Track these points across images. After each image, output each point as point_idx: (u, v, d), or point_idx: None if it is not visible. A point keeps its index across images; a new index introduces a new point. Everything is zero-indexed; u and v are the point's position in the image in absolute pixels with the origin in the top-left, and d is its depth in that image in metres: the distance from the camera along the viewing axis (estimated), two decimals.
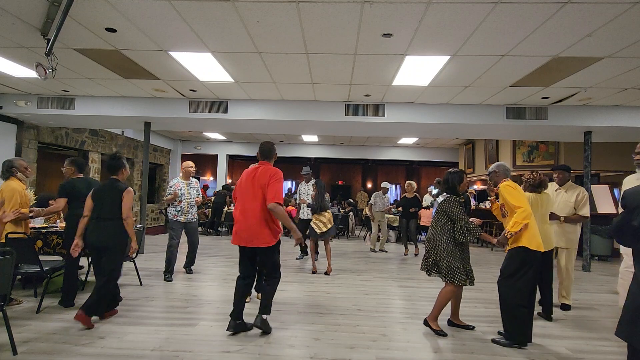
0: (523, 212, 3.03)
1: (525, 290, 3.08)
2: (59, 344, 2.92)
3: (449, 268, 3.25)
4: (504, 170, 3.37)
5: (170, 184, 5.30)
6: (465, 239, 3.25)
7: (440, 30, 3.77)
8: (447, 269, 3.26)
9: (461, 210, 3.28)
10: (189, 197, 5.23)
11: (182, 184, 5.25)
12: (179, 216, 5.16)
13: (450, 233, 3.29)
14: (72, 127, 8.40)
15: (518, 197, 3.11)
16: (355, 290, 4.83)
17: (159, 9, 3.49)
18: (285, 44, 4.23)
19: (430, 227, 3.49)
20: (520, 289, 3.07)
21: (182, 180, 5.28)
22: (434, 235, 3.38)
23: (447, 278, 3.25)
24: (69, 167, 4.09)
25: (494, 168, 3.42)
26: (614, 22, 3.46)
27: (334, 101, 6.68)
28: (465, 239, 3.25)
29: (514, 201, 3.10)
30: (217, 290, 4.66)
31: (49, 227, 4.52)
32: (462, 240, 3.25)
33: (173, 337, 3.12)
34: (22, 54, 4.67)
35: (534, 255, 3.07)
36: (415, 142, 11.79)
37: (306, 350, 2.96)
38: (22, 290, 4.37)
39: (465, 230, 3.23)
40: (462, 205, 3.33)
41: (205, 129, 9.93)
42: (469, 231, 3.22)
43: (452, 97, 6.13)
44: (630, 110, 6.34)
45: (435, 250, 3.35)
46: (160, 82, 5.84)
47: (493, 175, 3.41)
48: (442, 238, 3.31)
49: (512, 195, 3.13)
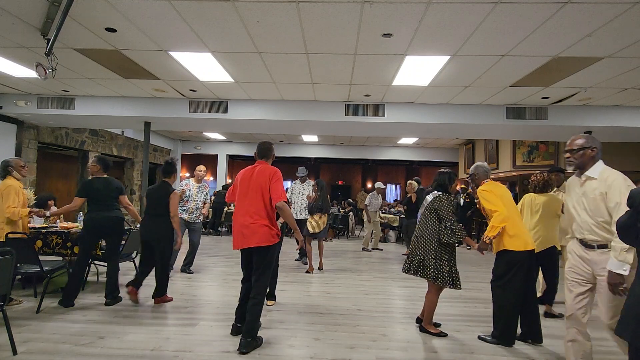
0: (499, 215, 3.02)
1: (515, 291, 3.08)
2: (59, 344, 2.92)
3: (436, 268, 3.23)
4: (483, 172, 3.35)
5: (181, 183, 5.54)
6: (449, 239, 3.21)
7: (440, 30, 3.77)
8: (434, 269, 3.23)
9: (451, 210, 3.26)
10: (196, 199, 5.44)
11: (192, 186, 5.47)
12: (183, 214, 5.30)
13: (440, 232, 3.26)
14: (72, 127, 8.40)
15: (493, 201, 3.10)
16: (355, 290, 4.83)
17: (159, 9, 3.49)
18: (285, 44, 4.23)
19: (418, 225, 3.45)
20: (510, 290, 3.08)
21: (194, 183, 5.50)
22: (423, 233, 3.35)
23: (433, 279, 3.23)
24: (95, 165, 4.04)
25: (473, 170, 3.41)
26: (614, 22, 3.46)
27: (334, 101, 6.68)
28: (449, 240, 3.21)
29: (489, 206, 3.10)
30: (217, 290, 4.66)
31: (49, 227, 4.52)
32: (446, 240, 3.21)
33: (173, 337, 3.12)
34: (22, 54, 4.67)
35: (520, 256, 3.05)
36: (415, 142, 11.79)
37: (306, 350, 2.96)
38: (22, 290, 4.37)
39: (449, 231, 3.20)
40: (453, 206, 3.32)
41: (205, 129, 9.93)
42: (453, 233, 3.20)
43: (452, 97, 6.13)
44: (630, 110, 6.34)
45: (423, 249, 3.31)
46: (160, 82, 5.84)
47: (473, 178, 3.40)
48: (432, 237, 3.28)
49: (487, 201, 3.13)
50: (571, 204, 2.46)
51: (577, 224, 2.39)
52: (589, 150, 2.37)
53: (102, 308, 3.82)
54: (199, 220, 5.50)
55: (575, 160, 2.40)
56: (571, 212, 2.47)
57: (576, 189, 2.43)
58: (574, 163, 2.40)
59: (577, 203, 2.39)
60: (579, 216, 2.37)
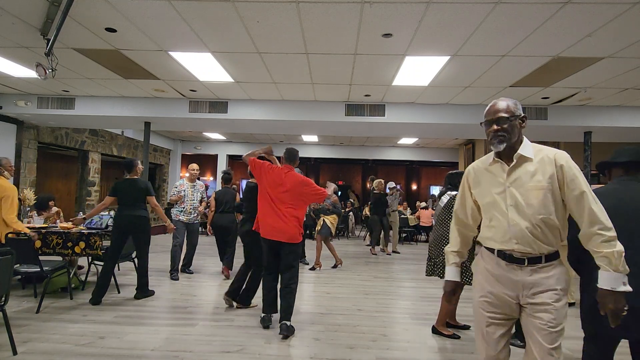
0: None
1: None
2: (59, 344, 2.92)
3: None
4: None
5: (175, 184, 5.55)
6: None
7: (440, 30, 3.77)
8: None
9: None
10: (192, 199, 5.43)
11: (186, 186, 5.45)
12: (181, 216, 5.34)
13: None
14: (72, 127, 8.40)
15: None
16: (355, 290, 4.83)
17: (159, 9, 3.49)
18: (285, 44, 4.23)
19: (437, 227, 3.45)
20: None
21: (187, 182, 5.47)
22: (444, 234, 3.31)
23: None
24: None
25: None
26: (614, 22, 3.46)
27: (334, 101, 6.68)
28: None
29: None
30: (217, 290, 4.66)
31: (49, 227, 4.52)
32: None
33: (173, 337, 3.12)
34: (22, 54, 4.67)
35: None
36: (415, 142, 11.78)
37: (306, 350, 2.96)
38: (22, 290, 4.37)
39: None
40: None
41: (205, 129, 9.92)
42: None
43: (452, 97, 6.13)
44: (630, 110, 6.34)
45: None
46: (160, 82, 5.84)
47: None
48: None
49: None
50: (486, 201, 1.72)
51: (498, 230, 1.65)
52: (519, 121, 1.67)
53: (102, 308, 3.82)
54: (197, 221, 5.51)
55: (506, 134, 1.64)
56: (484, 214, 1.76)
57: (498, 178, 1.68)
58: (505, 139, 1.64)
59: (502, 199, 1.65)
60: (504, 217, 1.63)
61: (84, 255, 4.25)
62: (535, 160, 1.63)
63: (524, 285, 1.60)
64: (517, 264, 1.61)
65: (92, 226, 4.59)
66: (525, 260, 1.60)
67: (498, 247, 1.66)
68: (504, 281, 1.64)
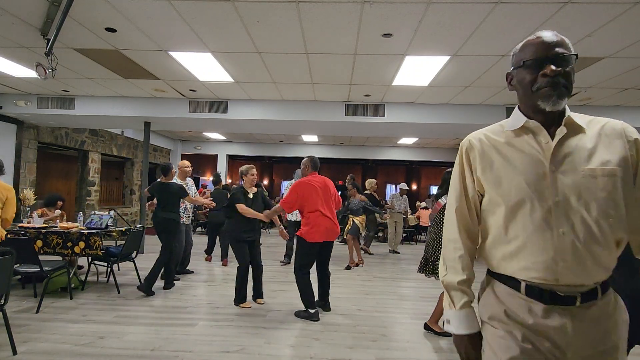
0: None
1: None
2: (59, 344, 2.92)
3: None
4: None
5: None
6: None
7: (440, 30, 3.77)
8: None
9: None
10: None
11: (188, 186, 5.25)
12: (184, 218, 5.24)
13: None
14: (72, 127, 8.40)
15: None
16: (355, 290, 4.83)
17: (159, 9, 3.49)
18: (285, 44, 4.22)
19: (434, 228, 3.43)
20: None
21: (179, 180, 5.14)
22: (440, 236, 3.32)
23: None
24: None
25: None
26: (614, 22, 3.46)
27: (334, 101, 6.68)
28: None
29: None
30: (217, 290, 4.66)
31: (49, 227, 4.52)
32: None
33: (173, 337, 3.12)
34: (22, 54, 4.67)
35: None
36: (415, 142, 11.78)
37: (306, 350, 2.96)
38: (22, 290, 4.37)
39: None
40: None
41: (205, 129, 9.92)
42: None
43: (452, 97, 6.13)
44: (630, 110, 6.34)
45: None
46: (160, 82, 5.84)
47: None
48: None
49: None
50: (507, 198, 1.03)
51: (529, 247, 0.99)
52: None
53: (102, 308, 3.82)
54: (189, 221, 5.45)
55: (568, 84, 1.02)
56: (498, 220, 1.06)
57: (531, 157, 1.03)
58: (568, 91, 1.02)
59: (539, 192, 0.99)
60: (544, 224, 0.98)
61: (84, 255, 4.26)
62: (591, 132, 1.03)
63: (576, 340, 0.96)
64: (563, 305, 0.96)
65: (92, 226, 4.59)
66: (578, 298, 0.96)
67: (528, 279, 0.99)
68: (546, 333, 0.97)
